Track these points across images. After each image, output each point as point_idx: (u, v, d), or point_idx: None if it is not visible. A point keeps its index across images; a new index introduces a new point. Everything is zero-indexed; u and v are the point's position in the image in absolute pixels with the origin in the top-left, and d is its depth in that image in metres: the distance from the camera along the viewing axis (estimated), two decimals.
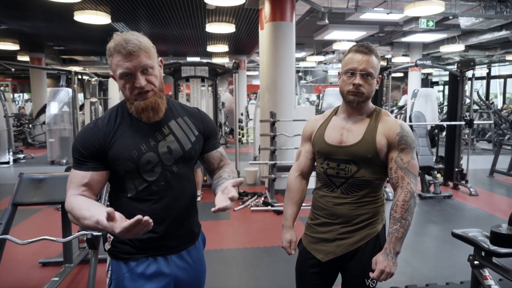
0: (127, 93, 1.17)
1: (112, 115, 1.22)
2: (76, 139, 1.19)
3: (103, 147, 1.16)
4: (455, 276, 2.90)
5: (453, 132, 5.81)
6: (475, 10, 6.74)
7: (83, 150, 1.16)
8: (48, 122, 7.90)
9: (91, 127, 1.20)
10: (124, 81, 1.15)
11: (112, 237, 1.21)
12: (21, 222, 4.13)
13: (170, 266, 1.23)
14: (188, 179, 1.29)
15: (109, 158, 1.17)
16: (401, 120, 1.44)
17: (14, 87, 17.41)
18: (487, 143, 10.70)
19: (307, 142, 1.55)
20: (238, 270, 3.12)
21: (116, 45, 1.12)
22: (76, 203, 1.11)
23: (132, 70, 1.12)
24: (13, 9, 6.76)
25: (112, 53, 1.13)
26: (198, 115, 1.34)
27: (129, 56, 1.11)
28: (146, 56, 1.14)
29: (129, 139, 1.18)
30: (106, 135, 1.17)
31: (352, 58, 1.35)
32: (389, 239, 1.34)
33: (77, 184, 1.15)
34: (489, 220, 4.33)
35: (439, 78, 20.11)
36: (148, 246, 1.20)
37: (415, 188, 1.36)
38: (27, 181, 2.46)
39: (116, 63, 1.13)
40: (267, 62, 5.52)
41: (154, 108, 1.17)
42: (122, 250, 1.21)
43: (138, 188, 1.19)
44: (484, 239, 1.94)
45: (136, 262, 1.20)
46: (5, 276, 2.82)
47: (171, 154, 1.22)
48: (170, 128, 1.24)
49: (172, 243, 1.24)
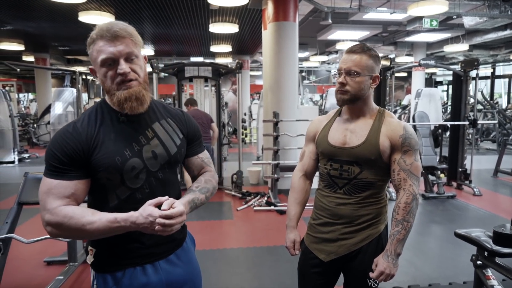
0: (108, 83, 1.06)
1: (92, 116, 1.11)
2: (53, 144, 1.05)
3: (86, 153, 1.05)
4: (458, 276, 2.89)
5: (457, 132, 5.79)
6: (479, 10, 6.72)
7: (63, 157, 1.03)
8: (53, 122, 7.96)
9: (69, 131, 1.07)
10: (105, 69, 1.05)
11: (94, 249, 1.13)
12: (26, 221, 4.17)
13: (159, 273, 1.17)
14: (173, 184, 1.22)
15: (91, 165, 1.05)
16: (405, 122, 1.44)
17: (19, 87, 17.53)
18: (491, 143, 10.64)
19: (311, 142, 1.56)
20: (241, 269, 3.13)
21: (100, 30, 1.03)
22: (71, 211, 1.01)
23: (116, 55, 1.03)
24: (18, 10, 6.82)
25: (94, 40, 1.04)
26: (182, 117, 1.26)
27: (113, 40, 1.03)
28: (131, 43, 1.06)
29: (111, 143, 1.07)
30: (87, 139, 1.06)
31: (342, 58, 1.40)
32: (391, 241, 1.35)
33: (59, 195, 1.02)
34: (493, 220, 4.32)
35: (443, 77, 20.03)
36: (134, 255, 1.13)
37: (417, 190, 1.36)
38: (32, 181, 2.48)
39: (99, 48, 1.03)
40: (270, 62, 5.53)
41: (138, 98, 1.07)
42: (107, 263, 1.13)
43: (121, 197, 1.10)
44: (487, 239, 1.94)
45: (123, 272, 1.13)
46: (11, 274, 2.85)
47: (156, 159, 1.13)
48: (154, 131, 1.16)
49: (158, 250, 1.17)
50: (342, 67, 1.37)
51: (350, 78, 1.35)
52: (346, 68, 1.36)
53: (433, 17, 6.96)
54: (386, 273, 1.33)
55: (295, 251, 1.54)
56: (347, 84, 1.36)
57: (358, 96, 1.38)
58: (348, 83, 1.35)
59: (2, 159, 7.97)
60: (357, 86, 1.36)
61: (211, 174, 1.30)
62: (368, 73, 1.37)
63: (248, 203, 4.92)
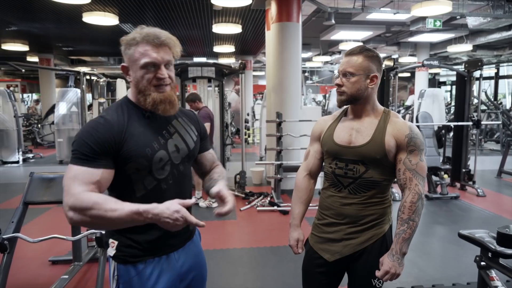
0: (144, 84, 1.15)
1: (119, 111, 1.18)
2: (84, 134, 1.10)
3: (117, 143, 1.11)
4: (461, 277, 2.89)
5: (461, 132, 5.77)
6: (483, 10, 6.70)
7: (95, 146, 1.08)
8: (57, 122, 7.99)
9: (101, 122, 1.13)
10: (145, 71, 1.14)
11: (116, 242, 1.20)
12: (30, 221, 4.20)
13: (174, 264, 1.26)
14: (190, 177, 1.32)
15: (121, 156, 1.12)
16: (410, 122, 1.45)
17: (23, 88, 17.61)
18: (495, 144, 10.60)
19: (316, 142, 1.56)
20: (244, 269, 3.14)
21: (146, 35, 1.12)
22: (97, 197, 1.03)
23: (159, 61, 1.13)
24: (22, 11, 6.86)
25: (138, 42, 1.12)
26: (194, 117, 1.38)
27: (159, 47, 1.13)
28: (170, 52, 1.17)
29: (141, 136, 1.15)
30: (119, 131, 1.12)
31: (341, 61, 1.44)
32: (396, 240, 1.35)
33: (85, 181, 1.05)
34: (497, 221, 4.30)
35: (446, 78, 19.95)
36: (154, 246, 1.21)
37: (423, 189, 1.36)
38: (38, 181, 2.50)
39: (143, 52, 1.12)
40: (274, 63, 5.53)
41: (171, 102, 1.18)
42: (130, 254, 1.19)
43: (148, 187, 1.17)
44: (491, 240, 1.94)
45: (144, 264, 1.20)
46: (16, 273, 2.87)
47: (179, 152, 1.23)
48: (174, 127, 1.25)
49: (175, 241, 1.26)
50: (339, 69, 1.43)
51: (346, 79, 1.40)
52: (341, 70, 1.42)
53: (437, 18, 6.95)
54: (392, 273, 1.34)
55: (299, 249, 1.54)
56: (343, 85, 1.40)
57: (355, 96, 1.40)
58: (344, 84, 1.40)
59: (7, 159, 8.02)
60: (353, 86, 1.39)
61: (222, 167, 1.43)
62: (364, 73, 1.38)
63: (251, 203, 4.93)
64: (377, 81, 1.41)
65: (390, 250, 1.37)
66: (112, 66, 14.73)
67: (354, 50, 1.40)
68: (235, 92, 11.26)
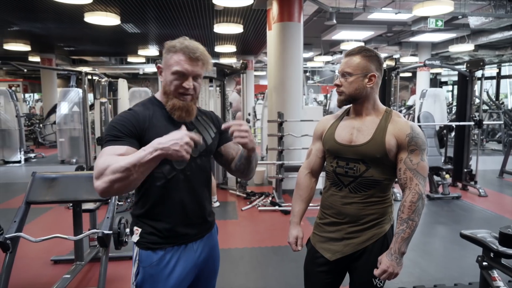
0: (170, 88, 1.27)
1: (146, 106, 1.31)
2: (114, 121, 1.24)
3: (140, 130, 1.23)
4: (463, 277, 2.89)
5: (462, 132, 5.76)
6: (484, 10, 6.69)
7: (121, 129, 1.20)
8: (59, 122, 8.01)
9: (129, 112, 1.28)
10: (175, 77, 1.26)
11: (139, 229, 1.31)
12: (32, 221, 4.21)
13: (192, 253, 1.35)
14: (207, 171, 1.41)
15: (143, 143, 1.19)
16: (412, 121, 1.45)
17: (25, 87, 17.65)
18: (497, 144, 10.58)
19: (318, 140, 1.57)
20: (246, 269, 3.14)
21: (186, 46, 1.25)
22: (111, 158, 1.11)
23: (189, 72, 1.25)
24: (24, 11, 6.87)
25: (176, 51, 1.25)
26: (213, 115, 1.48)
27: (193, 60, 1.25)
28: (202, 67, 1.29)
29: (162, 128, 1.25)
30: (143, 120, 1.25)
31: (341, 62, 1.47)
32: (395, 239, 1.35)
33: (110, 153, 1.14)
34: (499, 221, 4.30)
35: (448, 78, 19.92)
36: (173, 235, 1.31)
37: (423, 189, 1.36)
38: (40, 180, 2.50)
39: (178, 60, 1.24)
40: (275, 63, 5.53)
41: (188, 111, 1.29)
42: (151, 241, 1.30)
43: (167, 176, 1.27)
44: (493, 240, 1.94)
45: (164, 251, 1.30)
46: (18, 273, 2.87)
47: (196, 147, 1.28)
48: (193, 124, 1.36)
49: (193, 231, 1.35)
50: (338, 70, 1.46)
51: (344, 79, 1.42)
52: (340, 70, 1.44)
53: (438, 17, 6.93)
54: (389, 272, 1.34)
55: (298, 247, 1.55)
56: (342, 85, 1.42)
57: (354, 95, 1.41)
58: (342, 84, 1.42)
59: (9, 158, 8.04)
60: (350, 86, 1.40)
61: None
62: (362, 73, 1.39)
63: (252, 203, 4.93)
64: (376, 80, 1.41)
65: (389, 249, 1.37)
66: (114, 66, 14.76)
67: (353, 51, 1.42)
68: (237, 92, 11.25)
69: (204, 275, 1.43)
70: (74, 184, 2.52)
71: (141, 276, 1.30)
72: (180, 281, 1.32)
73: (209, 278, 1.47)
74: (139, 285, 1.31)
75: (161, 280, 1.30)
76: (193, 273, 1.37)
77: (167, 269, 1.30)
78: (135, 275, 1.32)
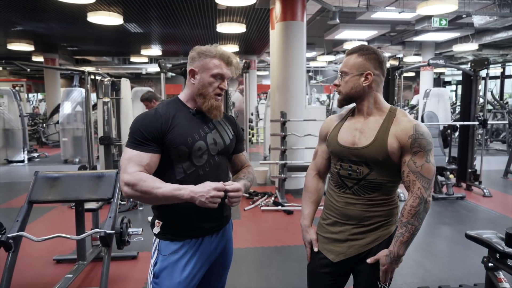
0: (209, 90, 1.39)
1: (169, 106, 1.41)
2: (138, 122, 1.35)
3: (163, 131, 1.33)
4: (468, 278, 2.86)
5: (466, 132, 5.72)
6: (489, 9, 6.64)
7: (146, 133, 1.31)
8: (62, 122, 8.03)
9: (152, 113, 1.37)
10: (213, 80, 1.38)
11: (161, 222, 1.41)
12: (35, 220, 4.21)
13: (207, 247, 1.44)
14: (224, 169, 1.51)
15: (166, 142, 1.33)
16: (417, 121, 1.40)
17: (28, 87, 17.72)
18: (501, 144, 10.51)
19: (323, 142, 1.55)
20: (249, 269, 3.12)
21: (222, 53, 1.39)
22: (145, 176, 1.27)
23: (227, 75, 1.40)
24: (28, 11, 6.90)
25: (214, 56, 1.38)
26: (233, 120, 1.59)
27: (229, 65, 1.41)
28: (234, 71, 1.43)
29: (184, 127, 1.37)
30: (166, 121, 1.35)
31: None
32: (394, 242, 1.35)
33: (137, 163, 1.30)
34: (503, 221, 4.26)
35: (451, 77, 19.83)
36: (190, 227, 1.40)
37: (426, 193, 1.32)
38: (43, 180, 2.49)
39: (218, 64, 1.38)
40: (278, 62, 5.52)
41: (220, 110, 1.43)
42: (171, 232, 1.41)
43: (187, 171, 1.37)
44: (499, 241, 1.91)
45: (182, 242, 1.40)
46: (21, 272, 2.87)
47: (216, 145, 1.43)
48: (214, 124, 1.46)
49: (209, 225, 1.44)
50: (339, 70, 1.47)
51: (341, 79, 1.43)
52: (340, 70, 1.45)
53: (442, 16, 6.89)
54: (385, 269, 1.37)
55: (315, 248, 1.52)
56: (340, 85, 1.43)
57: (351, 95, 1.40)
58: (340, 83, 1.43)
59: (12, 158, 8.07)
60: (346, 85, 1.41)
61: (251, 168, 1.62)
62: (357, 71, 1.37)
63: (255, 203, 4.92)
64: (373, 78, 1.37)
65: (388, 251, 1.35)
66: (117, 66, 14.80)
67: (351, 50, 1.43)
68: (239, 91, 11.25)
69: (218, 268, 1.53)
70: (76, 183, 2.52)
71: (159, 265, 1.39)
72: (195, 273, 1.41)
73: (222, 270, 1.57)
74: (156, 274, 1.39)
75: (177, 270, 1.38)
76: (207, 265, 1.46)
77: (183, 260, 1.39)
78: (154, 264, 1.41)
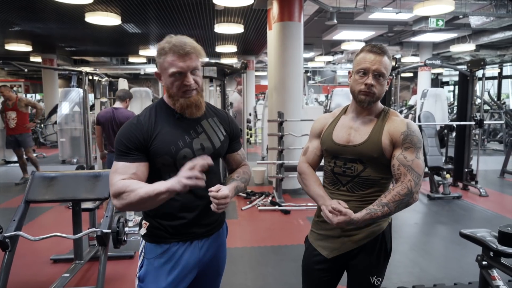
0: (173, 90, 1.27)
1: (152, 112, 1.33)
2: (120, 134, 1.28)
3: (146, 141, 1.27)
4: (463, 276, 2.88)
5: (463, 132, 5.75)
6: (486, 9, 6.67)
7: (127, 143, 1.25)
8: (60, 122, 8.02)
9: (134, 122, 1.29)
10: (173, 79, 1.26)
11: (147, 223, 1.35)
12: (32, 220, 4.21)
13: (195, 251, 1.36)
14: (216, 173, 1.42)
15: (151, 151, 1.27)
16: (409, 120, 1.43)
17: (26, 88, 17.66)
18: (498, 144, 10.55)
19: (316, 139, 1.55)
20: (245, 268, 3.13)
21: (174, 45, 1.23)
22: (130, 182, 1.20)
23: (184, 69, 1.24)
24: (26, 11, 6.89)
25: (166, 52, 1.24)
26: (226, 118, 1.46)
27: (185, 56, 1.23)
28: (197, 58, 1.27)
29: (167, 135, 1.29)
30: (148, 130, 1.28)
31: (365, 57, 1.35)
32: (363, 212, 1.30)
33: (122, 173, 1.23)
34: (499, 221, 4.28)
35: (449, 78, 19.88)
36: (179, 232, 1.33)
37: (415, 188, 1.32)
38: (39, 179, 2.50)
39: (171, 61, 1.23)
40: (275, 63, 5.53)
41: (197, 105, 1.30)
42: (157, 235, 1.34)
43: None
44: (492, 239, 1.93)
45: (169, 245, 1.33)
46: (18, 272, 2.87)
47: (204, 150, 1.33)
48: (202, 127, 1.36)
49: (200, 230, 1.37)
50: (369, 67, 1.34)
51: (376, 80, 1.34)
52: (375, 69, 1.33)
53: (439, 17, 6.92)
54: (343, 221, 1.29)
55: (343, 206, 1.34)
56: (374, 86, 1.34)
57: (380, 97, 1.39)
58: (375, 85, 1.34)
59: (10, 158, 8.05)
60: (381, 89, 1.37)
61: (247, 167, 1.53)
62: (388, 75, 1.37)
63: (252, 202, 4.93)
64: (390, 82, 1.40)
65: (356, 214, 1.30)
66: (115, 66, 14.78)
67: (380, 49, 1.34)
68: (237, 92, 11.25)
69: (208, 275, 1.43)
70: (73, 183, 2.52)
71: (144, 268, 1.34)
72: (182, 277, 1.33)
73: (213, 278, 1.47)
74: (141, 278, 1.34)
75: (162, 274, 1.32)
76: (196, 271, 1.38)
77: (168, 265, 1.32)
78: (139, 267, 1.36)
